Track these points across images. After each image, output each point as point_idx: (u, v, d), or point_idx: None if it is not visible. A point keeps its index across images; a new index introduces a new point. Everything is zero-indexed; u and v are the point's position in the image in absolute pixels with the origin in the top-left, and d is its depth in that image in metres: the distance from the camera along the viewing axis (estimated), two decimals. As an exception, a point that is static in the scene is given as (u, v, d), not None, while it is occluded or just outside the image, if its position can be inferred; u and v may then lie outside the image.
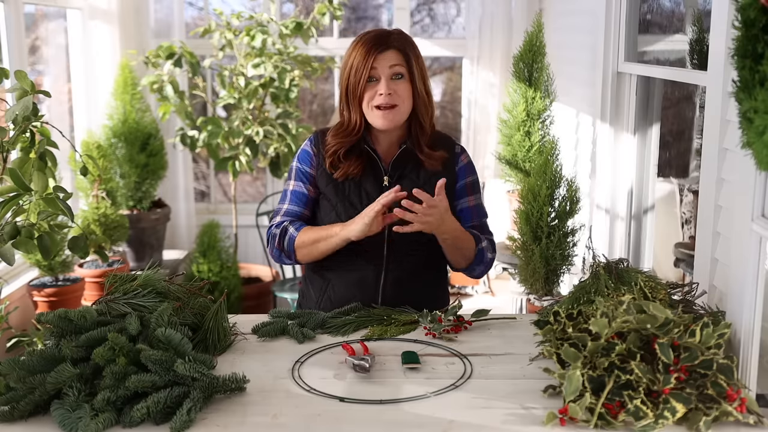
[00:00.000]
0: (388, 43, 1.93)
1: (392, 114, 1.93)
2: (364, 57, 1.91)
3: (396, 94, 1.92)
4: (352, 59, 1.93)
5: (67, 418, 1.35)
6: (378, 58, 1.91)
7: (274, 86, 4.08)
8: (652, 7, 3.18)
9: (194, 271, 4.19)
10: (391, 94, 1.91)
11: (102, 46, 4.28)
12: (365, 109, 1.95)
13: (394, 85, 1.92)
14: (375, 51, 1.91)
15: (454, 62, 5.84)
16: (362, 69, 1.91)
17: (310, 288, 2.09)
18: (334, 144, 1.98)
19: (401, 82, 1.93)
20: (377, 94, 1.92)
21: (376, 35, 1.95)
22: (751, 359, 1.60)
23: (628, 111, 3.07)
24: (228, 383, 1.45)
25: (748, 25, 1.19)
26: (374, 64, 1.91)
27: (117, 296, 1.68)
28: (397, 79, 1.93)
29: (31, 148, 1.76)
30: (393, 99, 1.92)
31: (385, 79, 1.92)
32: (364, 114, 1.96)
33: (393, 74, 1.92)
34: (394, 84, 1.92)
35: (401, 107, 1.94)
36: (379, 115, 1.93)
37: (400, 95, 1.93)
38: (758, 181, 1.58)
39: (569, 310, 1.66)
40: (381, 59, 1.92)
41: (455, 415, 1.40)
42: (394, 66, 1.92)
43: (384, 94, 1.91)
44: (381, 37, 1.94)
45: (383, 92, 1.91)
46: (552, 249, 2.35)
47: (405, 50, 1.94)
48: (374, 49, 1.91)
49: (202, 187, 5.77)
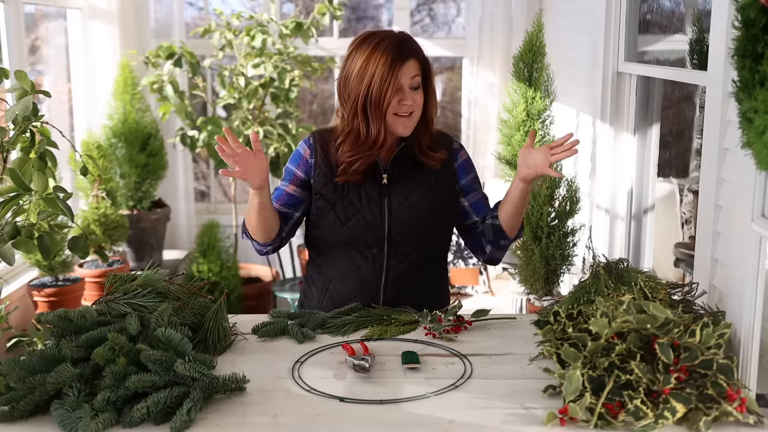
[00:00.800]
0: (408, 53, 1.89)
1: (411, 121, 1.93)
2: (390, 67, 1.86)
3: (415, 102, 1.92)
4: (374, 68, 1.86)
5: (67, 418, 1.35)
6: (402, 70, 1.88)
7: (274, 86, 4.08)
8: (652, 7, 3.18)
9: (194, 271, 4.19)
10: (412, 103, 1.91)
11: (102, 46, 4.28)
12: (388, 117, 1.91)
13: (413, 95, 1.91)
14: (399, 62, 1.87)
15: (454, 62, 5.84)
16: (388, 80, 1.86)
17: (312, 287, 2.09)
18: (356, 158, 1.93)
19: (418, 91, 1.93)
20: (400, 104, 1.90)
21: (397, 44, 1.89)
22: (751, 359, 1.60)
23: (628, 111, 3.07)
24: (228, 383, 1.45)
25: (748, 25, 1.19)
26: (400, 76, 1.87)
27: (117, 296, 1.68)
28: (415, 89, 1.92)
29: (31, 148, 1.76)
30: (412, 107, 1.92)
31: (407, 89, 1.89)
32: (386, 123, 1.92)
33: (413, 85, 1.91)
34: (413, 93, 1.91)
35: (416, 114, 1.93)
36: (402, 122, 1.92)
37: (417, 103, 1.93)
38: (758, 181, 1.58)
39: (569, 310, 1.66)
40: (405, 70, 1.88)
41: (455, 415, 1.40)
42: (414, 77, 1.90)
43: (408, 104, 1.90)
44: (401, 46, 1.89)
45: (409, 102, 1.89)
46: (552, 249, 2.35)
47: (423, 59, 1.93)
48: (398, 59, 1.87)
49: (202, 187, 5.77)
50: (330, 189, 1.98)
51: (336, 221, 1.96)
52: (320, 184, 2.00)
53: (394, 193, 1.98)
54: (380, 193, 1.97)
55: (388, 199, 1.97)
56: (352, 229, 1.95)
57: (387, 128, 1.92)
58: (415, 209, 1.96)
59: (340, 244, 1.98)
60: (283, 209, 2.01)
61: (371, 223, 1.95)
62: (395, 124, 1.92)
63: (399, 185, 1.98)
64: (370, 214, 1.95)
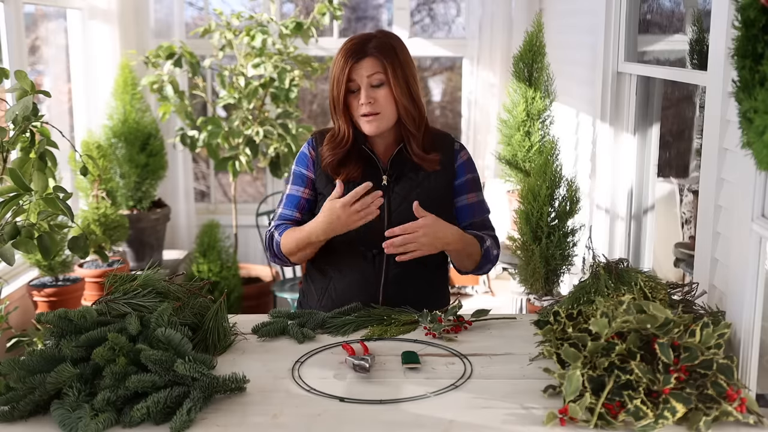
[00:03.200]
0: (364, 52, 1.91)
1: (377, 121, 1.94)
2: (342, 68, 1.91)
3: (377, 102, 1.92)
4: (334, 70, 1.94)
5: (67, 418, 1.35)
6: (354, 69, 1.90)
7: (274, 86, 4.08)
8: (652, 7, 3.18)
9: (194, 271, 4.19)
10: (371, 102, 1.91)
11: (102, 46, 4.28)
12: (356, 117, 1.96)
13: (373, 93, 1.91)
14: (351, 61, 1.90)
15: (454, 62, 5.83)
16: (341, 81, 1.91)
17: (312, 286, 2.09)
18: (328, 155, 1.99)
19: (381, 90, 1.92)
20: (359, 104, 1.92)
21: (353, 44, 1.93)
22: (751, 359, 1.60)
23: (628, 111, 3.07)
24: (228, 383, 1.45)
25: (748, 25, 1.19)
26: (352, 75, 1.90)
27: (117, 296, 1.68)
28: (377, 86, 1.92)
29: (31, 148, 1.76)
30: (374, 107, 1.92)
31: (364, 88, 1.91)
32: (355, 122, 1.97)
33: (371, 83, 1.92)
34: (374, 92, 1.92)
35: (384, 113, 1.94)
36: (365, 121, 1.94)
37: (381, 103, 1.92)
38: (758, 181, 1.58)
39: (569, 310, 1.66)
40: (357, 69, 1.90)
41: (455, 415, 1.40)
42: (371, 75, 1.91)
43: (364, 104, 1.91)
44: (357, 46, 1.92)
45: (363, 102, 1.91)
46: (552, 249, 2.35)
47: (382, 58, 1.91)
48: (350, 59, 1.90)
49: (202, 187, 5.77)
50: (331, 189, 1.98)
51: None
52: (322, 185, 2.01)
53: (394, 194, 1.98)
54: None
55: (388, 199, 1.97)
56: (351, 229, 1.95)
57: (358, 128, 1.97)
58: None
59: (340, 243, 1.98)
60: (303, 218, 2.04)
61: (371, 223, 1.95)
62: (360, 124, 1.95)
63: (399, 186, 1.98)
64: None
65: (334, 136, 1.99)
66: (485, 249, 2.02)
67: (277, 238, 2.01)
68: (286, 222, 2.04)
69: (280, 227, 2.03)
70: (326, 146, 2.00)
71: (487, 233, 2.07)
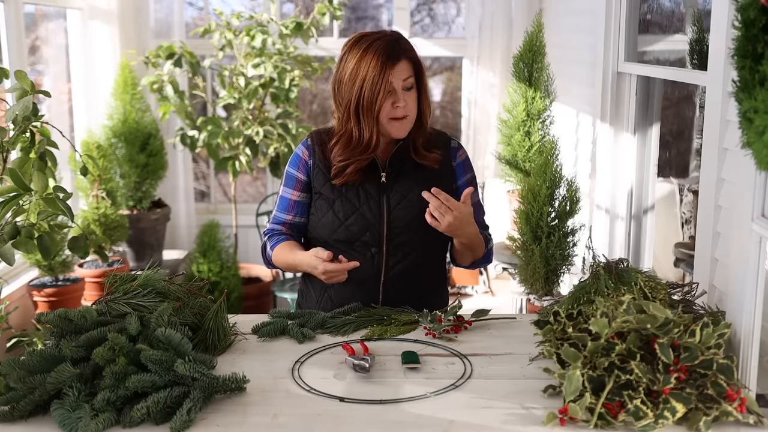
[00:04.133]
0: (399, 54, 1.89)
1: (406, 124, 1.93)
2: (380, 70, 1.85)
3: (407, 105, 1.91)
4: (365, 72, 1.86)
5: (67, 418, 1.35)
6: (393, 72, 1.87)
7: (274, 86, 4.08)
8: (652, 7, 3.18)
9: (194, 271, 4.19)
10: (405, 106, 1.91)
11: (102, 46, 4.28)
12: (383, 120, 1.91)
13: (406, 96, 1.91)
14: (390, 63, 1.87)
15: (454, 62, 5.83)
16: (379, 83, 1.86)
17: (310, 288, 2.09)
18: (348, 162, 1.94)
19: (411, 92, 1.92)
20: (393, 106, 1.89)
21: (387, 45, 1.88)
22: (751, 359, 1.60)
23: (628, 111, 3.07)
24: (228, 383, 1.45)
25: (748, 25, 1.19)
26: (391, 78, 1.87)
27: (117, 296, 1.68)
28: (408, 90, 1.92)
29: (31, 148, 1.76)
30: (406, 110, 1.91)
31: (399, 91, 1.89)
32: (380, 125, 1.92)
33: (405, 86, 1.90)
34: (406, 95, 1.91)
35: (411, 116, 1.94)
36: (398, 126, 1.92)
37: (411, 106, 1.92)
38: (758, 181, 1.58)
39: (569, 310, 1.66)
40: (396, 72, 1.88)
41: (455, 415, 1.40)
42: (407, 79, 1.90)
43: (401, 106, 1.89)
44: (392, 47, 1.88)
45: (401, 105, 1.89)
46: (552, 249, 2.35)
47: (414, 61, 1.93)
48: (389, 61, 1.86)
49: (202, 187, 5.77)
50: (328, 188, 1.98)
51: (335, 220, 1.96)
52: (319, 184, 2.00)
53: (393, 192, 1.98)
54: (379, 192, 1.97)
55: (387, 197, 1.97)
56: (350, 228, 1.95)
57: (381, 131, 1.93)
58: (414, 207, 1.96)
59: (339, 243, 1.98)
60: (296, 219, 2.05)
61: (370, 222, 1.95)
62: (390, 127, 1.92)
63: (398, 183, 1.98)
64: (369, 213, 1.96)
65: (353, 144, 1.93)
66: (488, 250, 2.07)
67: (269, 252, 2.04)
68: (278, 226, 2.06)
69: (273, 237, 2.05)
70: (342, 152, 1.95)
71: (487, 233, 2.09)
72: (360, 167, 1.95)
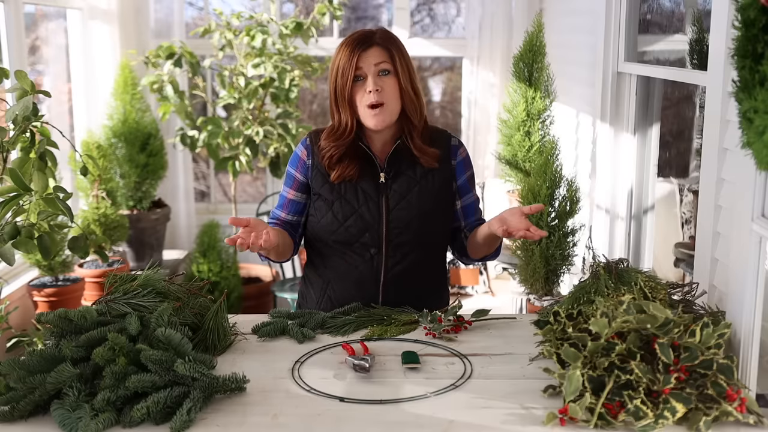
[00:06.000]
0: (371, 41, 1.94)
1: (382, 113, 1.93)
2: (349, 57, 1.92)
3: (383, 90, 1.92)
4: (338, 61, 1.94)
5: (67, 418, 1.35)
6: (362, 57, 1.91)
7: (274, 86, 4.08)
8: (652, 7, 3.18)
9: (194, 271, 4.19)
10: (378, 90, 1.91)
11: (102, 46, 4.28)
12: (359, 110, 1.94)
13: (380, 82, 1.92)
14: (359, 49, 1.92)
15: (454, 62, 5.83)
16: (348, 69, 1.92)
17: (310, 289, 2.09)
18: (328, 148, 1.98)
19: (388, 78, 1.93)
20: (366, 93, 1.92)
21: (360, 35, 1.96)
22: (751, 359, 1.60)
23: (628, 111, 3.07)
24: (228, 383, 1.45)
25: (748, 25, 1.19)
26: (359, 63, 1.91)
27: (117, 296, 1.68)
28: (384, 75, 1.93)
29: (31, 148, 1.76)
30: (381, 96, 1.91)
31: (371, 76, 1.92)
32: (358, 115, 1.96)
33: (379, 71, 1.93)
34: (381, 80, 1.92)
35: (389, 105, 1.93)
36: (371, 114, 1.93)
37: (388, 92, 1.92)
38: (758, 181, 1.58)
39: (569, 310, 1.66)
40: (365, 57, 1.92)
41: (455, 415, 1.40)
42: (379, 63, 1.92)
43: (372, 91, 1.91)
44: (364, 36, 1.95)
45: (371, 89, 1.91)
46: (552, 249, 2.35)
47: (388, 47, 1.94)
48: (358, 47, 1.92)
49: (202, 187, 5.77)
50: (327, 189, 1.98)
51: (334, 221, 1.96)
52: (318, 184, 2.00)
53: (392, 192, 1.98)
54: (378, 192, 1.97)
55: (386, 197, 1.97)
56: (349, 229, 1.95)
57: (362, 122, 1.96)
58: (413, 207, 1.96)
59: (338, 244, 1.98)
60: (289, 217, 2.05)
61: (369, 223, 1.95)
62: (365, 117, 1.94)
63: (396, 183, 1.98)
64: (368, 214, 1.95)
65: (334, 130, 1.99)
66: (500, 244, 2.07)
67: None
68: (273, 221, 2.07)
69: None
70: (326, 140, 1.99)
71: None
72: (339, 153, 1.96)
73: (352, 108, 1.95)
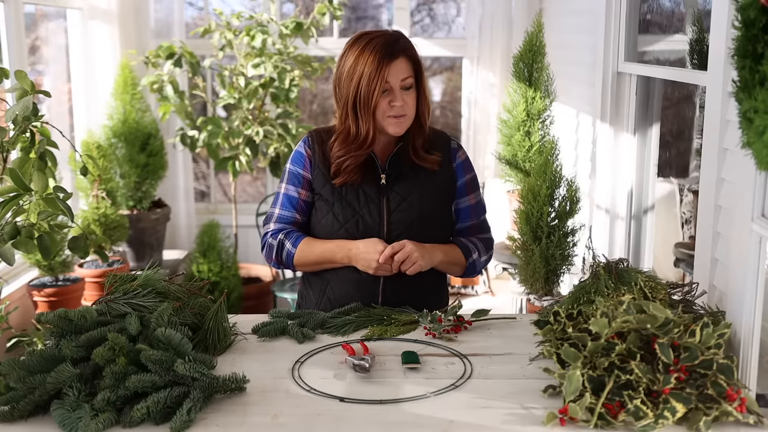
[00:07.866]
0: (398, 52, 1.89)
1: (404, 122, 1.92)
2: (377, 67, 1.85)
3: (406, 104, 1.91)
4: (363, 68, 1.86)
5: (67, 418, 1.35)
6: (391, 70, 1.87)
7: (274, 86, 4.08)
8: (652, 7, 3.18)
9: (194, 271, 4.19)
10: (403, 105, 1.90)
11: (102, 46, 4.28)
12: (379, 117, 1.91)
13: (404, 95, 1.90)
14: (387, 60, 1.86)
15: (454, 62, 5.83)
16: (376, 80, 1.86)
17: (309, 289, 2.08)
18: (345, 157, 1.94)
19: (410, 92, 1.92)
20: (390, 105, 1.89)
21: (386, 43, 1.89)
22: (751, 359, 1.60)
23: (628, 111, 3.07)
24: (228, 383, 1.45)
25: (748, 25, 1.19)
26: (388, 77, 1.87)
27: (117, 296, 1.68)
28: (407, 89, 1.91)
29: (31, 148, 1.76)
30: (404, 109, 1.90)
31: (397, 90, 1.89)
32: (377, 122, 1.92)
33: (403, 86, 1.90)
34: (405, 94, 1.90)
35: (409, 115, 1.93)
36: (394, 123, 1.91)
37: (410, 104, 1.92)
38: (758, 181, 1.58)
39: (569, 310, 1.66)
40: (394, 71, 1.87)
41: (455, 415, 1.40)
42: (405, 79, 1.89)
43: (398, 105, 1.89)
44: (390, 45, 1.88)
45: (399, 104, 1.89)
46: (552, 249, 2.35)
47: (414, 58, 1.92)
48: (386, 58, 1.86)
49: (202, 187, 5.77)
50: (328, 190, 1.98)
51: (334, 222, 1.96)
52: (319, 185, 2.00)
53: (393, 193, 1.98)
54: (379, 194, 1.97)
55: (387, 199, 1.97)
56: (350, 230, 1.95)
57: (378, 128, 1.93)
58: (414, 209, 1.96)
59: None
60: (304, 219, 2.03)
61: (369, 225, 1.95)
62: (387, 124, 1.92)
63: (398, 185, 1.98)
64: (369, 216, 1.95)
65: (351, 138, 1.93)
66: (471, 261, 2.05)
67: (290, 248, 1.99)
68: (288, 225, 2.03)
69: (291, 234, 2.01)
70: (342, 148, 1.95)
71: (480, 237, 2.08)
72: (357, 162, 1.94)
73: (374, 118, 1.91)
